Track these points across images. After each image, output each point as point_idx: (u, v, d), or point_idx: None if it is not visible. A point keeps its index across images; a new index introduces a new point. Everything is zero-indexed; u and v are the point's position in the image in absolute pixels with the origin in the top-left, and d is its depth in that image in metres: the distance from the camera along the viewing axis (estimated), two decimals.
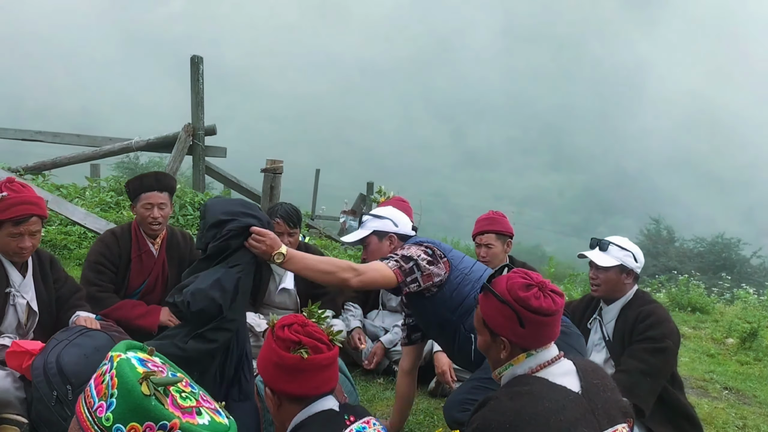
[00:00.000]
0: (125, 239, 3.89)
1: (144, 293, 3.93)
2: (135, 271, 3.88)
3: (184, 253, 4.06)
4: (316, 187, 17.05)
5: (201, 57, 8.40)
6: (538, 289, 2.16)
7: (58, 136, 8.71)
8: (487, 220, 4.25)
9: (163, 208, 3.81)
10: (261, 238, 2.75)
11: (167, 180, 3.90)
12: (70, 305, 3.30)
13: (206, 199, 8.38)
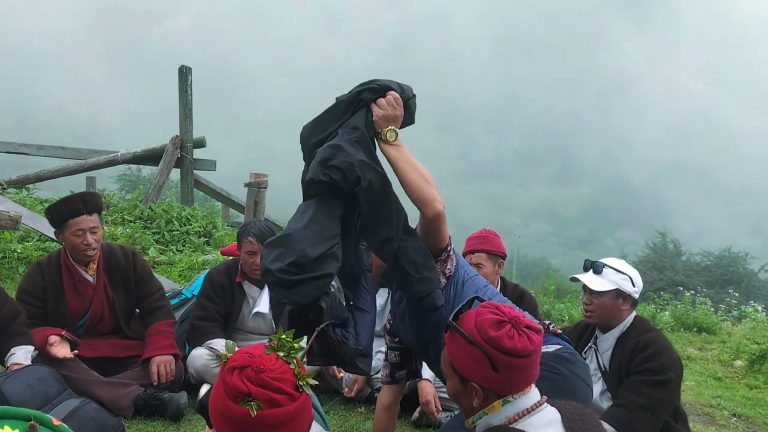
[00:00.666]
0: (52, 270, 3.56)
1: (91, 324, 3.63)
2: (72, 302, 3.56)
3: (127, 271, 3.72)
4: None
5: (189, 67, 8.19)
6: (512, 326, 1.88)
7: (43, 148, 8.50)
8: (479, 239, 3.93)
9: (96, 232, 3.49)
10: (394, 104, 2.47)
11: (95, 200, 3.57)
12: (10, 333, 3.06)
13: (194, 214, 8.18)
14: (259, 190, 5.64)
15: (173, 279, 6.07)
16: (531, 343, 1.87)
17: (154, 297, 3.81)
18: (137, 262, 3.79)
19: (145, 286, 3.78)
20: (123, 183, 35.65)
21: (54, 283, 3.52)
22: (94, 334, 3.66)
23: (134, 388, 3.38)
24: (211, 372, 3.66)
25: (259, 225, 3.90)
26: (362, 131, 2.38)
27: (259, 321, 4.00)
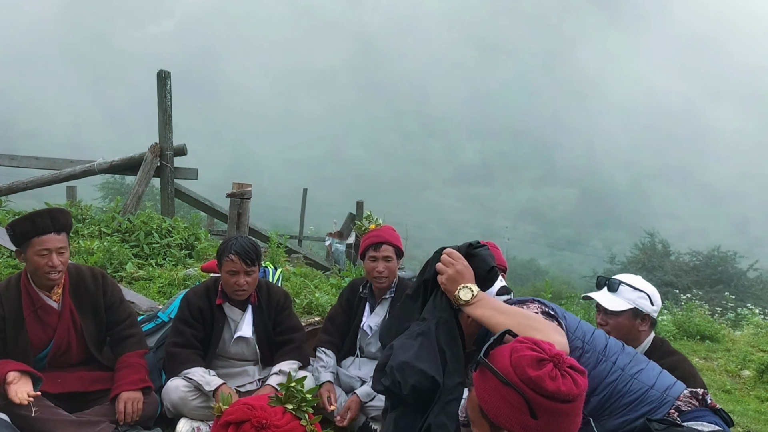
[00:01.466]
0: (11, 295, 3.19)
1: (55, 355, 3.26)
2: (33, 331, 3.19)
3: (96, 296, 3.37)
4: (303, 207, 16.44)
5: (168, 72, 7.82)
6: (554, 365, 1.63)
7: (15, 159, 8.09)
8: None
9: (62, 253, 3.15)
10: (450, 260, 2.19)
11: (64, 218, 3.21)
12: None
13: (175, 225, 7.80)
14: (243, 201, 5.31)
15: (151, 296, 5.69)
16: (576, 387, 1.62)
17: (125, 324, 3.44)
18: (107, 286, 3.43)
19: (116, 312, 3.43)
20: (106, 191, 34.98)
21: (13, 311, 3.15)
22: (60, 366, 3.29)
23: (104, 426, 3.03)
24: (189, 405, 3.32)
25: (242, 241, 3.56)
26: (428, 323, 2.20)
27: (242, 346, 3.66)
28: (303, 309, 5.94)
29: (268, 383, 3.45)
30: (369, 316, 3.88)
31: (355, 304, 3.95)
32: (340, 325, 3.94)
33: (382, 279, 3.75)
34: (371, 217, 4.06)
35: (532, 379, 1.62)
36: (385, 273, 3.74)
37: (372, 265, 3.75)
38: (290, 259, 8.78)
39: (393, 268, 3.78)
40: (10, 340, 3.15)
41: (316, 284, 6.78)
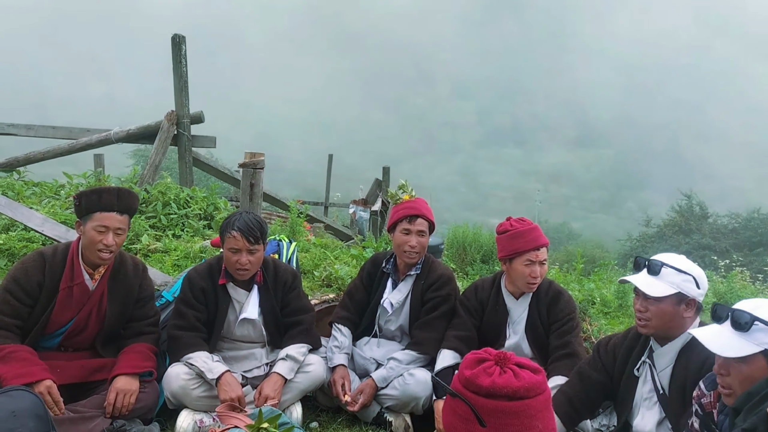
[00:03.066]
0: (56, 265, 3.06)
1: (70, 334, 3.11)
2: (60, 306, 3.04)
3: (132, 287, 3.24)
4: (329, 173, 16.20)
5: (183, 36, 7.54)
6: (494, 362, 1.50)
7: (32, 128, 7.95)
8: (536, 232, 3.30)
9: (120, 234, 3.08)
10: None
11: (130, 200, 3.14)
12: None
13: (194, 195, 7.61)
14: (255, 171, 5.05)
15: (166, 270, 5.52)
16: (517, 379, 1.45)
17: (148, 321, 3.30)
18: (145, 280, 3.34)
19: (144, 307, 3.29)
20: (137, 159, 35.19)
21: (53, 281, 3.03)
22: (68, 347, 3.16)
23: (99, 421, 2.85)
24: (191, 395, 3.12)
25: (245, 218, 3.30)
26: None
27: (247, 328, 3.44)
28: (321, 282, 5.72)
29: (275, 370, 3.22)
30: (391, 292, 3.63)
31: (376, 279, 3.70)
32: (359, 302, 3.70)
33: (413, 254, 3.50)
34: (406, 186, 3.76)
35: (467, 378, 1.49)
36: (417, 248, 3.49)
37: (405, 238, 3.48)
38: (314, 228, 8.56)
39: (425, 243, 3.53)
40: (38, 310, 3.02)
41: (336, 255, 6.54)
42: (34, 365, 2.82)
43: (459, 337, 3.36)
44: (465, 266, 8.86)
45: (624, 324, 5.34)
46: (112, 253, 3.08)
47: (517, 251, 3.25)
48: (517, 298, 3.39)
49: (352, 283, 3.85)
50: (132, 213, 3.17)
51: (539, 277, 3.26)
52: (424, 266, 3.60)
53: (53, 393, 2.76)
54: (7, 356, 2.80)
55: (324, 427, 3.34)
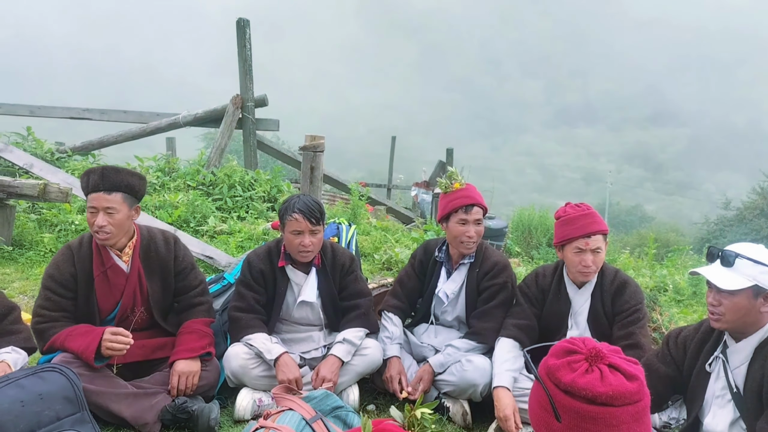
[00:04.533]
0: (84, 253, 3.09)
1: (122, 318, 3.18)
2: (101, 292, 3.10)
3: (167, 261, 3.24)
4: (392, 155, 16.17)
5: (247, 20, 7.63)
6: (585, 358, 1.37)
7: (106, 113, 8.28)
8: (590, 217, 3.09)
9: (112, 214, 2.96)
10: None
11: (119, 177, 2.99)
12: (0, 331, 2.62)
13: (258, 177, 7.74)
14: (316, 154, 5.06)
15: (230, 252, 5.66)
16: (602, 382, 1.31)
17: (195, 291, 3.32)
18: (179, 251, 3.30)
19: (186, 278, 3.29)
20: (208, 142, 36.28)
21: (84, 270, 3.07)
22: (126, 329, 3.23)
23: (161, 397, 2.92)
24: (250, 374, 3.17)
25: (305, 199, 3.30)
26: None
27: (306, 311, 3.45)
28: (382, 265, 5.71)
29: (332, 353, 3.23)
30: (445, 282, 3.55)
31: (429, 267, 3.62)
32: (411, 290, 3.63)
33: (471, 244, 3.40)
34: (455, 174, 3.65)
35: (550, 367, 1.40)
36: (475, 238, 3.39)
37: (462, 229, 3.38)
38: (375, 211, 8.57)
39: (481, 232, 3.42)
40: (81, 300, 3.09)
41: (396, 238, 6.52)
42: (94, 331, 2.90)
43: (518, 326, 3.25)
44: (530, 250, 8.67)
45: (698, 314, 5.09)
46: (109, 235, 2.98)
47: (567, 238, 3.11)
48: (579, 287, 3.25)
49: (403, 270, 3.78)
50: (126, 191, 3.00)
51: (592, 266, 3.09)
52: (477, 254, 3.50)
53: (116, 330, 2.83)
54: (69, 335, 2.90)
55: (381, 410, 3.33)
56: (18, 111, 8.68)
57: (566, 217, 3.15)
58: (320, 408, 2.50)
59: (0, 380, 2.28)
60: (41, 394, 2.29)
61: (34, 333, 2.97)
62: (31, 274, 5.12)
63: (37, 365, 2.48)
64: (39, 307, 3.01)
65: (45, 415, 2.26)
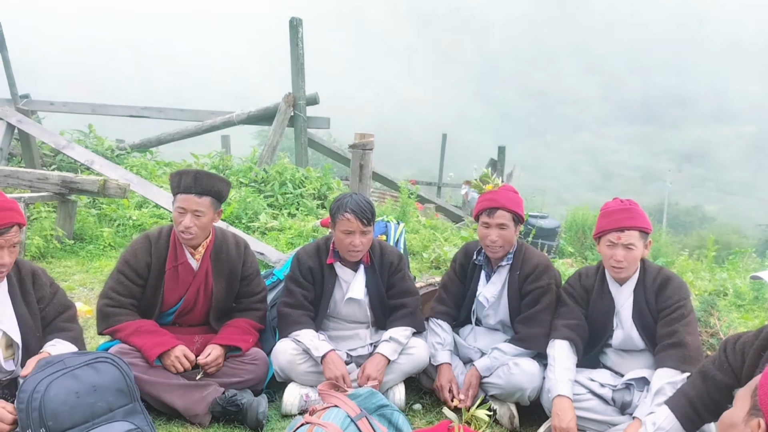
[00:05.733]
0: (161, 245, 3.22)
1: (181, 312, 3.29)
2: (169, 285, 3.21)
3: (235, 264, 3.33)
4: (443, 153, 16.09)
5: (300, 19, 7.71)
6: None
7: (163, 111, 8.53)
8: (626, 212, 3.02)
9: (199, 216, 3.10)
10: None
11: (210, 182, 3.12)
12: (53, 328, 2.71)
13: (308, 175, 7.82)
14: (365, 152, 5.08)
15: (280, 248, 5.74)
16: None
17: (256, 298, 3.41)
18: (248, 257, 3.40)
19: (250, 283, 3.39)
20: (261, 140, 36.97)
21: (159, 262, 3.20)
22: (182, 323, 3.33)
23: (212, 389, 2.99)
24: (297, 369, 3.20)
25: (357, 199, 3.32)
26: None
27: (353, 308, 3.47)
28: (430, 264, 5.70)
29: (378, 351, 3.24)
30: (485, 285, 3.49)
31: (469, 271, 3.57)
32: (455, 294, 3.57)
33: (495, 248, 3.33)
34: (488, 176, 3.59)
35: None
36: (498, 242, 3.31)
37: (484, 232, 3.34)
38: (425, 210, 8.55)
39: (508, 237, 3.31)
40: (149, 290, 3.20)
41: (445, 237, 6.49)
42: (165, 335, 3.04)
43: (569, 326, 3.17)
44: (584, 250, 8.48)
45: (759, 320, 4.87)
46: (194, 236, 3.12)
47: (601, 230, 3.06)
48: (621, 284, 3.15)
49: (445, 274, 3.74)
50: (215, 195, 3.14)
51: (623, 261, 3.00)
52: (516, 256, 3.42)
53: (188, 354, 2.98)
54: (137, 331, 3.00)
55: (427, 410, 3.32)
56: (80, 109, 9.03)
57: (605, 210, 3.11)
58: (365, 406, 2.50)
59: (57, 369, 2.34)
60: (95, 385, 2.36)
61: (99, 313, 3.08)
62: (91, 267, 5.32)
63: (93, 353, 2.54)
64: (110, 289, 3.11)
65: (98, 406, 2.33)
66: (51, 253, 5.46)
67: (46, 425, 2.19)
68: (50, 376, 2.29)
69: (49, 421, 2.20)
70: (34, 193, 5.46)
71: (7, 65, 8.59)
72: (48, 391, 2.24)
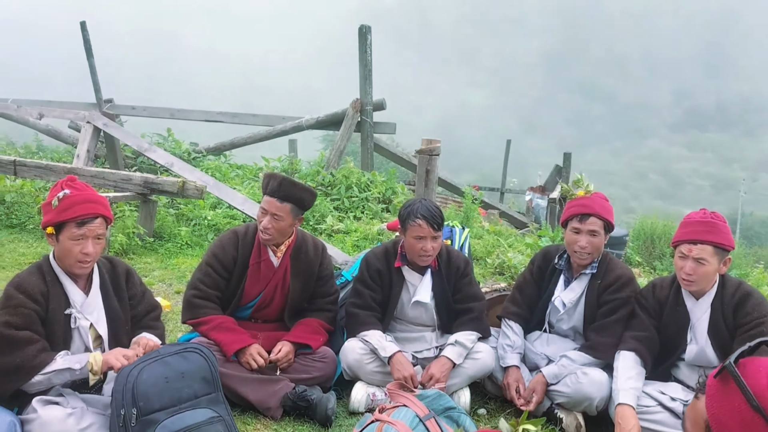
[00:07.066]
0: (247, 242, 3.40)
1: (259, 306, 3.45)
2: (251, 280, 3.38)
3: (313, 265, 3.47)
4: (506, 159, 15.96)
5: (369, 27, 7.86)
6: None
7: (237, 116, 8.86)
8: (703, 225, 2.95)
9: (278, 220, 3.25)
10: None
11: (293, 190, 3.24)
12: (141, 325, 2.88)
13: (373, 179, 7.95)
14: (431, 158, 5.15)
15: (346, 250, 5.88)
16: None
17: (328, 299, 3.55)
18: (325, 259, 3.55)
19: (324, 285, 3.54)
20: (326, 143, 37.57)
21: (244, 257, 3.37)
22: (258, 318, 3.49)
23: (283, 384, 3.13)
24: (365, 369, 3.30)
25: (427, 205, 3.39)
26: None
27: (419, 311, 3.54)
28: (494, 270, 5.70)
29: (444, 354, 3.30)
30: (563, 290, 3.48)
31: (547, 274, 3.56)
32: (530, 297, 3.57)
33: (584, 255, 3.31)
34: (581, 181, 3.57)
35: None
36: (588, 249, 3.29)
37: (574, 237, 3.32)
38: (488, 215, 8.54)
39: (598, 244, 3.29)
40: (233, 283, 3.37)
41: (509, 243, 6.48)
42: (242, 333, 3.21)
43: (638, 338, 3.13)
44: (652, 260, 8.28)
45: None
46: (271, 237, 3.26)
47: (676, 240, 3.02)
48: (697, 298, 3.09)
49: (521, 276, 3.75)
50: (296, 203, 3.25)
51: (692, 275, 2.93)
52: (600, 265, 3.39)
53: (262, 353, 3.14)
54: (219, 326, 3.18)
55: (492, 415, 3.35)
56: (160, 114, 9.49)
57: (686, 220, 3.06)
58: (433, 407, 2.57)
59: (152, 356, 2.52)
60: (183, 372, 2.50)
61: (187, 303, 3.28)
62: (169, 264, 5.60)
63: (184, 344, 2.70)
64: (198, 281, 3.31)
65: (185, 392, 2.47)
66: (132, 249, 5.77)
67: (137, 405, 2.34)
68: (144, 362, 2.46)
69: (141, 401, 2.35)
70: (118, 192, 5.79)
71: (93, 72, 9.11)
72: (141, 374, 2.39)
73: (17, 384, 2.42)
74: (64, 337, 2.59)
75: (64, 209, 2.53)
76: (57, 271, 2.62)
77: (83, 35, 9.38)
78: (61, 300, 2.60)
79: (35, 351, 2.43)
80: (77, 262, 2.57)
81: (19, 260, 5.39)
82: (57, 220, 2.54)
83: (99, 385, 2.67)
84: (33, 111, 8.80)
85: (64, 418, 2.41)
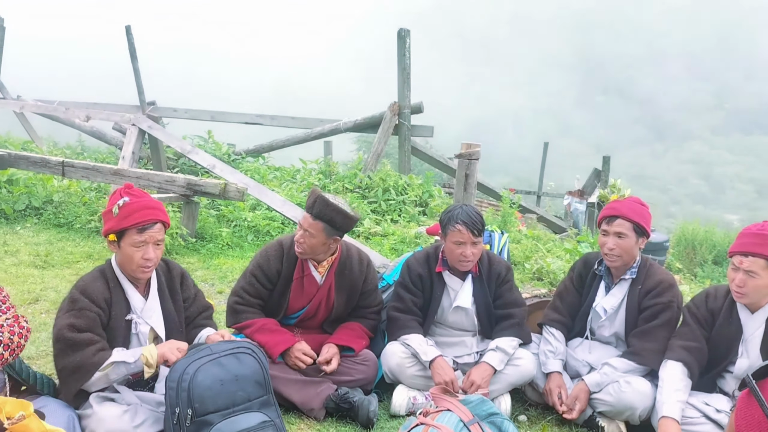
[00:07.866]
0: (292, 255, 3.41)
1: (303, 318, 3.51)
2: (295, 294, 3.42)
3: (357, 280, 3.50)
4: (543, 162, 15.81)
5: (408, 30, 7.90)
6: None
7: (276, 119, 8.97)
8: (757, 238, 2.88)
9: (310, 237, 3.25)
10: None
11: (326, 210, 3.21)
12: (194, 325, 2.97)
13: (410, 182, 7.97)
14: (470, 162, 5.15)
15: (384, 253, 5.92)
16: None
17: (372, 310, 3.59)
18: (370, 273, 3.57)
19: (368, 297, 3.58)
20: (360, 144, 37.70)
21: (288, 270, 3.40)
22: (302, 328, 3.54)
23: (326, 386, 3.19)
24: (406, 372, 3.33)
25: (467, 210, 3.40)
26: None
27: (460, 316, 3.56)
28: (533, 275, 5.67)
29: (485, 360, 3.31)
30: (604, 296, 3.46)
31: (587, 281, 3.54)
32: (570, 303, 3.56)
33: (612, 257, 3.30)
34: (616, 186, 3.58)
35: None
36: (615, 251, 3.27)
37: (602, 240, 3.33)
38: (524, 218, 8.48)
39: (626, 247, 3.27)
40: (276, 295, 3.42)
41: (548, 248, 6.43)
42: (286, 334, 3.28)
43: (687, 348, 3.07)
44: (693, 267, 8.13)
45: None
46: (302, 251, 3.28)
47: (731, 251, 3.00)
48: (752, 311, 3.03)
49: (561, 283, 3.73)
50: (328, 222, 3.21)
51: (742, 288, 2.88)
52: (640, 270, 3.37)
53: (307, 350, 3.23)
54: (262, 328, 3.26)
55: (532, 422, 3.34)
56: (201, 116, 9.68)
57: (743, 231, 3.00)
58: (476, 413, 2.58)
59: (205, 354, 2.54)
60: (237, 375, 2.53)
61: (230, 309, 3.37)
62: (211, 264, 5.71)
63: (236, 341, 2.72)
64: (241, 289, 3.38)
65: (238, 395, 2.51)
66: (176, 250, 5.91)
67: (193, 407, 2.40)
68: (198, 361, 2.49)
69: (196, 403, 2.40)
70: (162, 194, 5.94)
71: (137, 75, 9.33)
72: (196, 375, 2.44)
73: (79, 383, 2.51)
74: (123, 342, 2.69)
75: (125, 216, 2.62)
76: (119, 277, 2.73)
77: (128, 39, 9.62)
78: (123, 306, 2.70)
79: (94, 350, 2.52)
80: (139, 268, 2.66)
81: (67, 258, 5.56)
82: (118, 227, 2.62)
83: (152, 383, 2.76)
84: (80, 113, 9.07)
85: (119, 414, 2.50)
